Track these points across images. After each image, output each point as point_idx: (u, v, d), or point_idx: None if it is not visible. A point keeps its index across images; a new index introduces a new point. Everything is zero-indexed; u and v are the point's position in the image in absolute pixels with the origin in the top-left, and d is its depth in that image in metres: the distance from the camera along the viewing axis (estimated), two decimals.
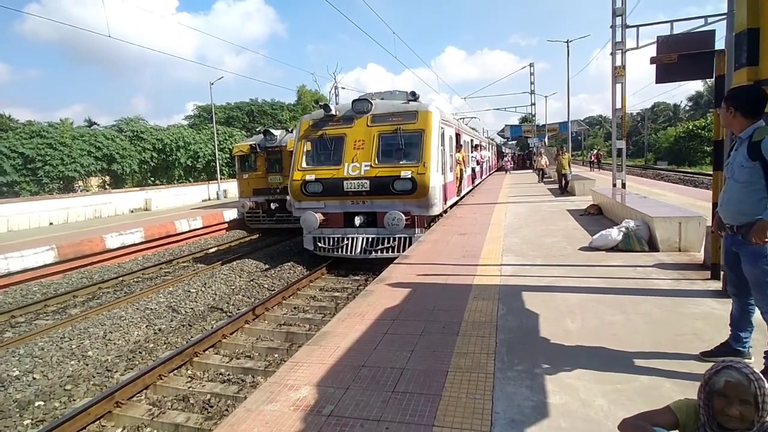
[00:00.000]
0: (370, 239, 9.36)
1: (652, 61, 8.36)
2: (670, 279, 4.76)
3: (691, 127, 49.08)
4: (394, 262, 6.65)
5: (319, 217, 9.45)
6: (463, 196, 14.32)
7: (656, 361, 2.94)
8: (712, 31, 8.81)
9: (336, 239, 9.62)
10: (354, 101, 9.98)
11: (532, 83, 32.91)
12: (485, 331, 3.64)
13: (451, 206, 12.01)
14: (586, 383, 2.72)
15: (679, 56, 8.11)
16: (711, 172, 4.78)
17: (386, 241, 9.27)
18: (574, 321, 3.72)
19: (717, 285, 4.34)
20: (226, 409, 4.55)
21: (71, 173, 23.59)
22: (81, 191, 23.95)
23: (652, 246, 6.13)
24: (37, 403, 4.88)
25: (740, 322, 2.85)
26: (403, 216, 8.87)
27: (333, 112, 9.90)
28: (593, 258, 5.91)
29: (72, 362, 5.81)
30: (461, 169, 13.58)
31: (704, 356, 2.91)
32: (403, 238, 9.16)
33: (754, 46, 3.27)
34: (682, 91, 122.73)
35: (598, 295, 4.36)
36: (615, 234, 6.32)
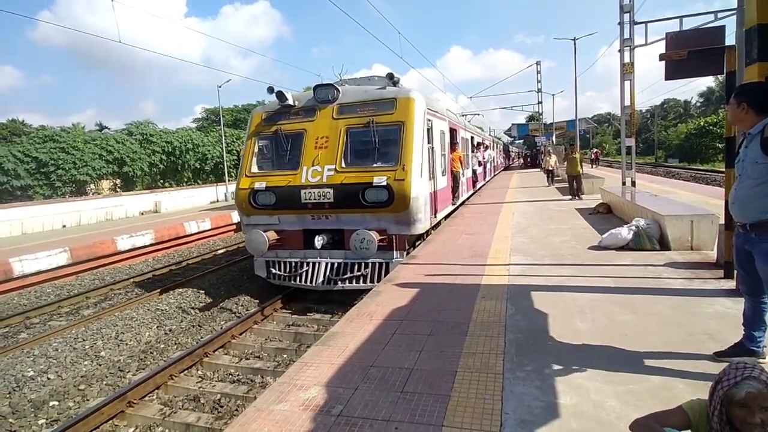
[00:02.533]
0: (335, 265, 7.34)
1: (661, 57, 8.24)
2: (682, 278, 4.71)
3: (702, 123, 48.37)
4: (402, 262, 6.63)
5: (269, 236, 7.32)
6: (460, 205, 12.19)
7: (668, 361, 2.91)
8: (722, 27, 8.65)
9: (294, 264, 7.61)
10: (316, 87, 7.77)
11: (538, 81, 32.71)
12: (494, 331, 3.63)
13: (446, 217, 10.05)
14: (597, 384, 2.70)
15: (689, 52, 7.97)
16: (723, 169, 4.72)
17: (356, 267, 7.24)
18: (584, 321, 3.69)
19: (730, 284, 4.27)
20: (237, 409, 4.60)
21: (83, 177, 23.95)
22: (93, 194, 24.30)
23: (664, 245, 6.06)
24: (51, 403, 4.97)
25: (753, 322, 2.81)
26: (374, 236, 6.78)
27: (290, 102, 7.76)
28: (603, 257, 5.85)
29: (85, 362, 5.90)
30: (457, 172, 11.52)
31: (718, 356, 2.87)
32: (377, 264, 7.17)
33: (765, 42, 3.23)
34: (692, 88, 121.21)
35: (608, 294, 4.32)
36: (625, 233, 6.25)
